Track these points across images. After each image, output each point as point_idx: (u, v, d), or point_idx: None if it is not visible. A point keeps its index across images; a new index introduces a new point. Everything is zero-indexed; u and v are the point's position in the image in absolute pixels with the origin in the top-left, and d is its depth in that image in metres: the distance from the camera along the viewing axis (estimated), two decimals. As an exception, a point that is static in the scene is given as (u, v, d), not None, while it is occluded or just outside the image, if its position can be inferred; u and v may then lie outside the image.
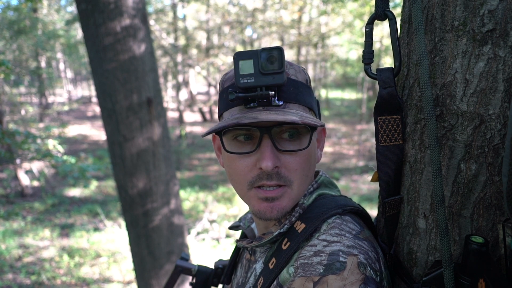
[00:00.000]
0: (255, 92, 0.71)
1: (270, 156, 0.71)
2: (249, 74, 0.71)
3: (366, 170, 11.38)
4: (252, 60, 0.71)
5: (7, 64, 4.52)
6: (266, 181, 0.74)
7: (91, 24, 2.82)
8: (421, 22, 0.63)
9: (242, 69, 0.71)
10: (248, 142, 0.76)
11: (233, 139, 0.77)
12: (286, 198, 0.76)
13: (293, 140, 0.75)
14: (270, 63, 0.71)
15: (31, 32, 13.98)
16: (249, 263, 0.90)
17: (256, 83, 0.71)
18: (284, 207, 0.76)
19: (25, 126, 12.08)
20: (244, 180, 0.76)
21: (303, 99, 0.77)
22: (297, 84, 0.77)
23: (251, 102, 0.74)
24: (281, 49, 0.70)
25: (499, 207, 0.65)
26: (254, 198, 0.77)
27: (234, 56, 0.72)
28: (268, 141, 0.72)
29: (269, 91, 0.71)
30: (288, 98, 0.75)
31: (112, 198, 9.58)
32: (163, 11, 14.40)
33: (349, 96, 26.99)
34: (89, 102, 26.48)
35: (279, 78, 0.70)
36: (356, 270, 0.62)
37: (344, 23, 14.13)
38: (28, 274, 6.10)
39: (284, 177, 0.74)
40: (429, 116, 0.62)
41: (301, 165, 0.75)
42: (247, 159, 0.75)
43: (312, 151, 0.79)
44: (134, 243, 3.39)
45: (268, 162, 0.70)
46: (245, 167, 0.75)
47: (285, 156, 0.74)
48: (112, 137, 3.09)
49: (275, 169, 0.73)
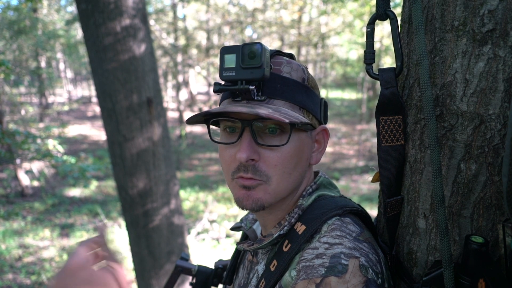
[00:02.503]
0: (235, 86, 0.73)
1: (245, 148, 0.73)
2: (231, 68, 0.73)
3: (366, 170, 11.38)
4: (235, 54, 0.73)
5: (7, 64, 4.52)
6: (242, 173, 0.75)
7: (91, 24, 2.82)
8: (421, 22, 0.63)
9: (226, 62, 0.74)
10: (233, 134, 0.78)
11: (223, 130, 0.80)
12: (261, 191, 0.76)
13: (274, 136, 0.75)
14: (250, 58, 0.72)
15: (31, 32, 13.98)
16: (251, 264, 0.90)
17: (236, 76, 0.73)
18: (259, 199, 0.76)
19: (25, 126, 12.08)
20: (228, 169, 0.79)
21: (292, 97, 0.76)
22: (287, 82, 0.76)
23: (237, 96, 0.76)
24: (261, 44, 0.71)
25: (499, 207, 0.65)
26: (235, 187, 0.78)
27: (220, 50, 0.75)
28: (248, 133, 0.74)
29: (249, 86, 0.72)
30: (272, 94, 0.75)
31: (112, 198, 9.58)
32: (163, 11, 14.41)
33: (349, 96, 26.98)
34: (89, 102, 26.48)
35: (258, 73, 0.71)
36: (358, 272, 0.63)
37: (344, 23, 14.11)
38: (28, 274, 6.10)
39: (260, 172, 0.75)
40: (429, 116, 0.62)
41: (281, 161, 0.75)
42: (231, 149, 0.77)
43: (298, 150, 0.77)
44: (134, 243, 3.39)
45: (242, 154, 0.72)
46: (229, 157, 0.78)
47: (265, 150, 0.75)
48: (112, 137, 3.09)
49: (251, 162, 0.74)
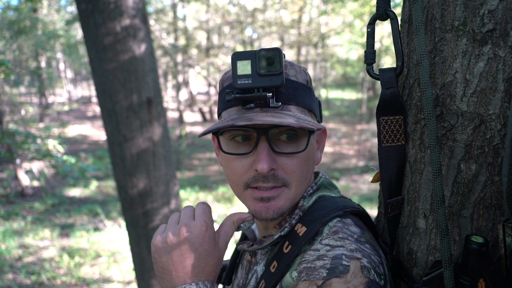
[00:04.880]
0: (252, 93, 0.70)
1: (266, 158, 0.71)
2: (247, 75, 0.70)
3: (366, 170, 11.38)
4: (250, 60, 0.70)
5: (7, 64, 4.52)
6: (262, 183, 0.73)
7: (91, 24, 2.82)
8: (421, 22, 0.63)
9: (240, 69, 0.71)
10: (245, 143, 0.75)
11: (231, 139, 0.76)
12: (283, 198, 0.75)
13: (290, 142, 0.74)
14: (268, 64, 0.70)
15: (31, 32, 13.98)
16: (249, 265, 0.90)
17: (253, 84, 0.70)
18: (281, 207, 0.75)
19: (25, 126, 12.08)
20: (240, 180, 0.76)
21: (303, 101, 0.76)
22: (297, 86, 0.76)
23: (249, 103, 0.73)
24: (280, 50, 0.69)
25: (499, 207, 0.65)
26: (249, 198, 0.76)
27: (232, 57, 0.72)
28: (265, 143, 0.72)
29: (266, 93, 0.70)
30: (287, 99, 0.74)
31: (112, 198, 9.58)
32: (163, 11, 14.40)
33: (349, 96, 26.98)
34: (89, 102, 26.48)
35: (277, 80, 0.69)
36: (360, 273, 0.62)
37: (344, 23, 14.11)
38: (28, 274, 6.10)
39: (281, 179, 0.74)
40: (429, 116, 0.62)
41: (299, 167, 0.75)
42: (244, 160, 0.75)
43: (310, 153, 0.78)
44: (134, 243, 3.39)
45: (264, 164, 0.70)
46: (241, 168, 0.75)
47: (282, 158, 0.73)
48: (112, 137, 3.09)
49: (271, 171, 0.73)
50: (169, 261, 0.70)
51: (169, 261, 0.70)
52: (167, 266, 0.70)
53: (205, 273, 0.70)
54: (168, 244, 0.71)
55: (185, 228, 0.71)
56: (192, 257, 0.69)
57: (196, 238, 0.70)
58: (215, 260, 0.72)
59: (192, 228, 0.71)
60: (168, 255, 0.70)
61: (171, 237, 0.71)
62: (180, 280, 0.68)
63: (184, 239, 0.70)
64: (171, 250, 0.70)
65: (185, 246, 0.70)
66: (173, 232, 0.72)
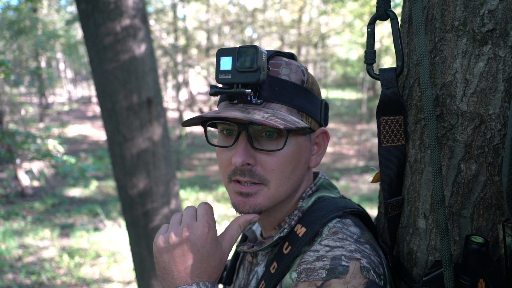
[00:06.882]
0: (231, 89, 0.72)
1: (240, 152, 0.72)
2: (227, 71, 0.72)
3: (366, 170, 11.38)
4: (231, 57, 0.72)
5: (7, 64, 4.53)
6: (239, 176, 0.75)
7: (91, 24, 2.82)
8: (421, 22, 0.63)
9: (222, 65, 0.73)
10: (230, 137, 0.77)
11: (220, 132, 0.80)
12: (261, 196, 0.76)
13: (271, 140, 0.74)
14: (246, 61, 0.71)
15: (31, 32, 13.99)
16: (251, 266, 0.90)
17: (233, 80, 0.72)
18: (258, 204, 0.76)
19: (25, 126, 12.09)
20: (225, 173, 0.79)
21: (291, 100, 0.75)
22: (286, 85, 0.75)
23: (234, 99, 0.75)
24: (257, 47, 0.70)
25: (499, 207, 0.65)
26: (231, 191, 0.78)
27: (216, 52, 0.74)
28: (244, 137, 0.73)
29: (245, 89, 0.71)
30: (270, 97, 0.74)
31: (112, 198, 9.58)
32: (163, 11, 14.40)
33: (349, 96, 26.97)
34: (89, 102, 26.48)
35: (253, 77, 0.70)
36: (359, 274, 0.62)
37: (344, 23, 14.11)
38: (28, 274, 6.10)
39: (258, 176, 0.74)
40: (429, 116, 0.62)
41: (278, 166, 0.74)
42: (227, 152, 0.77)
43: (295, 154, 0.76)
44: (134, 243, 3.39)
45: (238, 158, 0.72)
46: (225, 160, 0.77)
47: (262, 155, 0.74)
48: (112, 137, 3.09)
49: (247, 166, 0.74)
50: (171, 261, 0.70)
51: (171, 261, 0.70)
52: (169, 266, 0.70)
53: (207, 273, 0.70)
54: (170, 244, 0.71)
55: (187, 228, 0.72)
56: (194, 257, 0.69)
57: (198, 239, 0.71)
58: (217, 261, 0.72)
59: (194, 228, 0.72)
60: (170, 255, 0.70)
61: (173, 238, 0.71)
62: (182, 281, 0.69)
63: (186, 240, 0.70)
64: (173, 250, 0.70)
65: (187, 247, 0.70)
66: (175, 232, 0.72)
